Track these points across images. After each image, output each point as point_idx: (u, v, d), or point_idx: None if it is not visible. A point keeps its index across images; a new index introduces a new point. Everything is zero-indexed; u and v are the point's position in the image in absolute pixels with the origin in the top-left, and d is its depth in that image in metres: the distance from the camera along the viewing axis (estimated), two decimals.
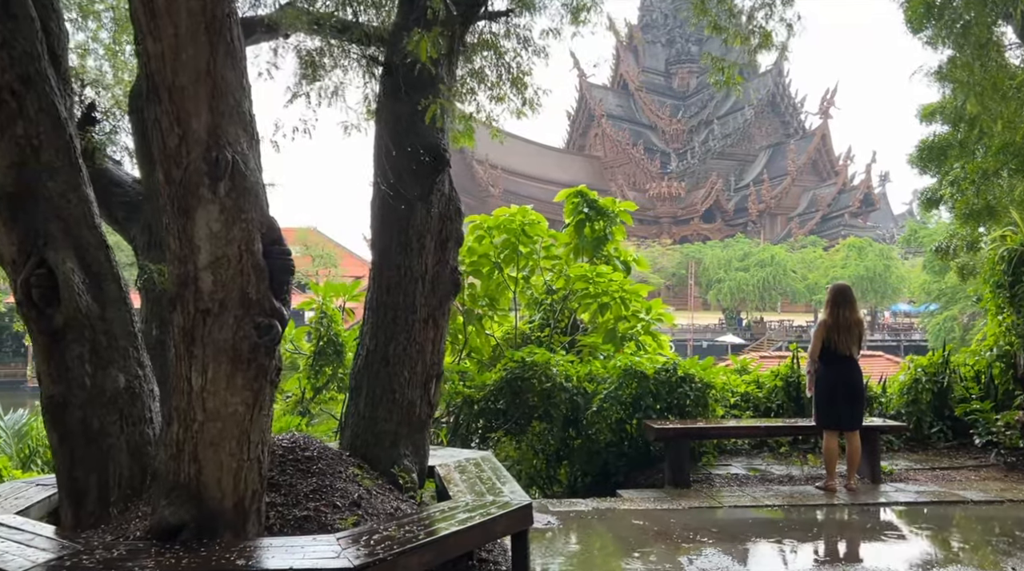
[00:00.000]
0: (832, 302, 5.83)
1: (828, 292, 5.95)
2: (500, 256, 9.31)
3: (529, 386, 7.26)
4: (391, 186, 4.68)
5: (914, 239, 44.01)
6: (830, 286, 5.99)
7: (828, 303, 5.86)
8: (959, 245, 11.69)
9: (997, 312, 7.30)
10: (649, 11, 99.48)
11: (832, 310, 5.81)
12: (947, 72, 9.16)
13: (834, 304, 5.82)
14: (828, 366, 5.82)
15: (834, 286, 5.96)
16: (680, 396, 6.89)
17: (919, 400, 7.38)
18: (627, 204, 10.34)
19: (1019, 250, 7.03)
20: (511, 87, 7.77)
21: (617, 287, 9.06)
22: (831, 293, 5.89)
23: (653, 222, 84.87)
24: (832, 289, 5.93)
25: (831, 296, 5.87)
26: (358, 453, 4.61)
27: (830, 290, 5.93)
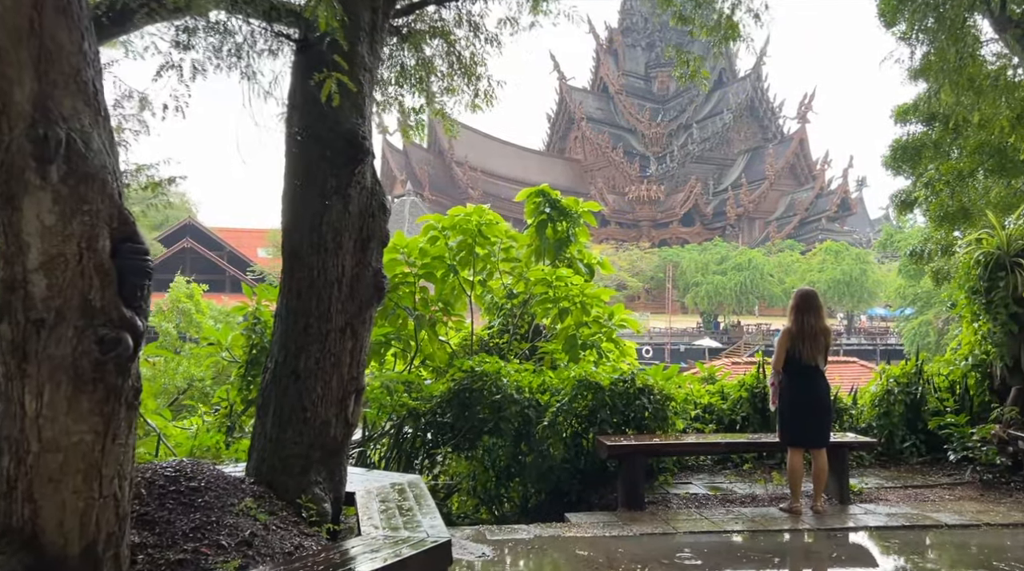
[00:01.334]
0: (796, 308, 5.37)
1: (792, 297, 5.49)
2: (455, 258, 8.80)
3: (479, 398, 6.76)
4: (302, 177, 4.17)
5: (890, 243, 44.08)
6: (795, 291, 5.54)
7: (792, 309, 5.40)
8: (934, 249, 11.38)
9: (972, 319, 6.91)
10: (629, 15, 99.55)
11: (796, 317, 5.35)
12: (921, 68, 8.81)
13: (798, 310, 5.35)
14: (792, 378, 5.36)
15: (799, 291, 5.51)
16: (638, 409, 6.42)
17: (891, 412, 6.97)
18: (590, 204, 9.88)
19: (995, 254, 6.64)
20: (464, 78, 7.28)
21: (577, 291, 8.60)
22: (795, 299, 5.44)
23: (632, 225, 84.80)
24: (797, 294, 5.47)
25: (795, 302, 5.41)
26: (263, 480, 4.09)
27: (794, 295, 5.48)
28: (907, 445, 6.84)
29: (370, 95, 4.46)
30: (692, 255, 59.48)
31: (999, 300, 6.60)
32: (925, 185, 10.18)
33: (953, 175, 8.88)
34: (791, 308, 5.41)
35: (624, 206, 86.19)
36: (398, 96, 7.71)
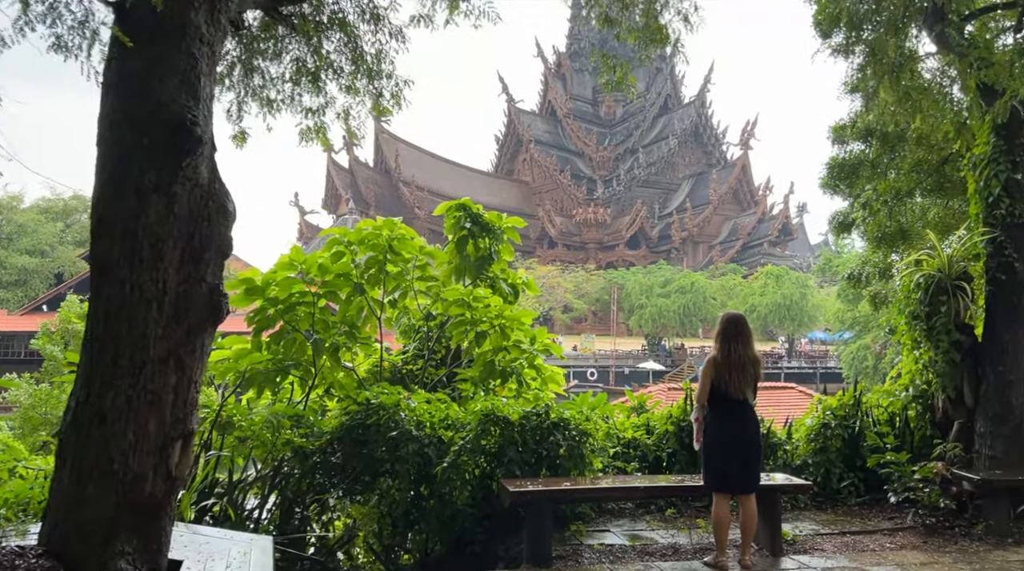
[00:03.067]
0: (722, 335, 4.74)
1: (718, 323, 4.85)
2: (363, 276, 8.00)
3: (375, 434, 5.96)
4: (113, 171, 3.36)
5: (829, 268, 44.74)
6: (721, 316, 4.91)
7: (718, 336, 4.77)
8: (872, 272, 11.03)
9: (913, 346, 6.42)
10: (577, 39, 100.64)
11: (723, 345, 4.71)
12: (857, 81, 8.42)
13: (725, 337, 4.72)
14: (717, 414, 4.71)
15: (725, 316, 4.88)
16: (551, 446, 5.71)
17: (827, 448, 6.40)
18: (514, 220, 9.20)
19: (936, 277, 6.17)
20: (367, 77, 6.56)
21: (495, 313, 7.87)
22: (721, 324, 4.80)
23: (580, 248, 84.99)
24: (723, 319, 4.84)
25: (721, 328, 4.78)
26: (54, 552, 3.23)
27: (720, 321, 4.85)
28: (845, 484, 6.27)
29: (210, 74, 3.68)
30: (637, 278, 59.60)
31: (940, 326, 6.12)
32: (863, 206, 9.80)
33: (891, 195, 8.49)
34: (716, 334, 4.78)
35: (571, 228, 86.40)
36: (295, 95, 6.94)
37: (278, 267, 7.44)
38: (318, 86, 6.95)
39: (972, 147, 6.90)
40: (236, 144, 7.35)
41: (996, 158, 6.24)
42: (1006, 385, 5.98)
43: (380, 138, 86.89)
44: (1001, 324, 6.09)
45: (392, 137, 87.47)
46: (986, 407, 6.03)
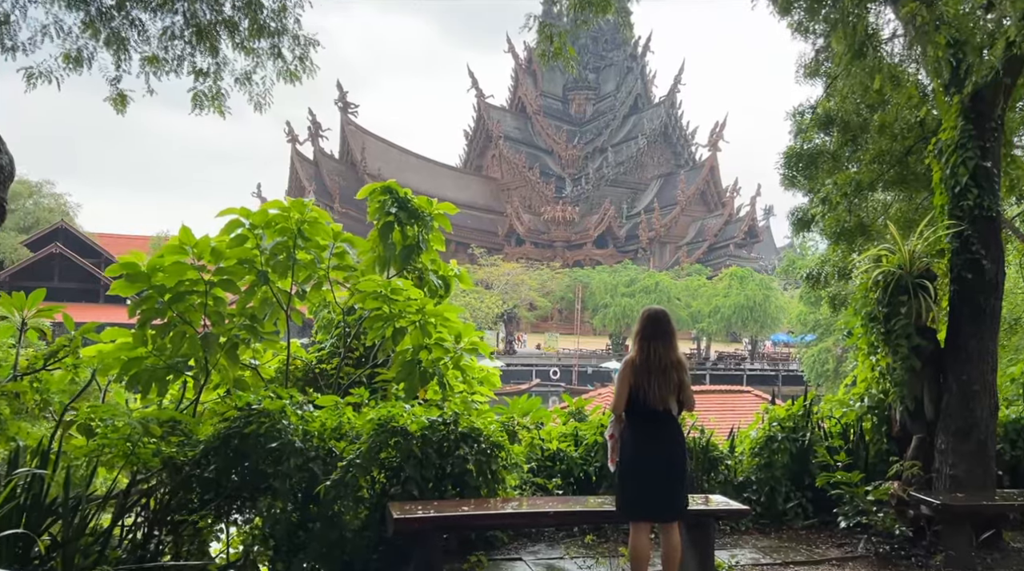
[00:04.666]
0: (641, 333, 4.00)
1: (638, 320, 4.11)
2: (269, 264, 7.14)
3: (255, 445, 5.13)
4: None
5: (792, 270, 44.61)
6: (642, 311, 4.17)
7: (635, 335, 4.03)
8: (830, 272, 10.44)
9: (870, 351, 5.78)
10: None
11: (641, 345, 3.97)
12: (817, 64, 7.78)
13: (643, 336, 3.98)
14: (635, 428, 3.96)
15: (645, 312, 4.14)
16: (458, 461, 4.94)
17: (773, 464, 5.73)
18: (446, 206, 8.39)
19: (896, 274, 5.52)
20: (267, 37, 5.73)
21: (416, 308, 7.07)
22: (640, 321, 4.06)
23: (547, 245, 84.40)
24: (642, 316, 4.10)
25: (640, 325, 4.04)
26: None
27: (640, 317, 4.11)
28: (791, 505, 5.60)
29: None
30: (602, 277, 59.16)
31: (900, 329, 5.47)
32: (822, 201, 9.18)
33: (851, 187, 7.87)
34: (635, 333, 4.04)
35: (539, 226, 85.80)
36: (184, 54, 6.07)
37: (165, 250, 6.55)
38: (210, 45, 6.10)
39: (939, 132, 6.27)
40: (116, 109, 6.49)
41: (964, 143, 5.60)
42: (970, 397, 5.35)
43: (347, 130, 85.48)
44: (966, 328, 5.47)
45: (359, 129, 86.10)
46: (948, 421, 5.40)
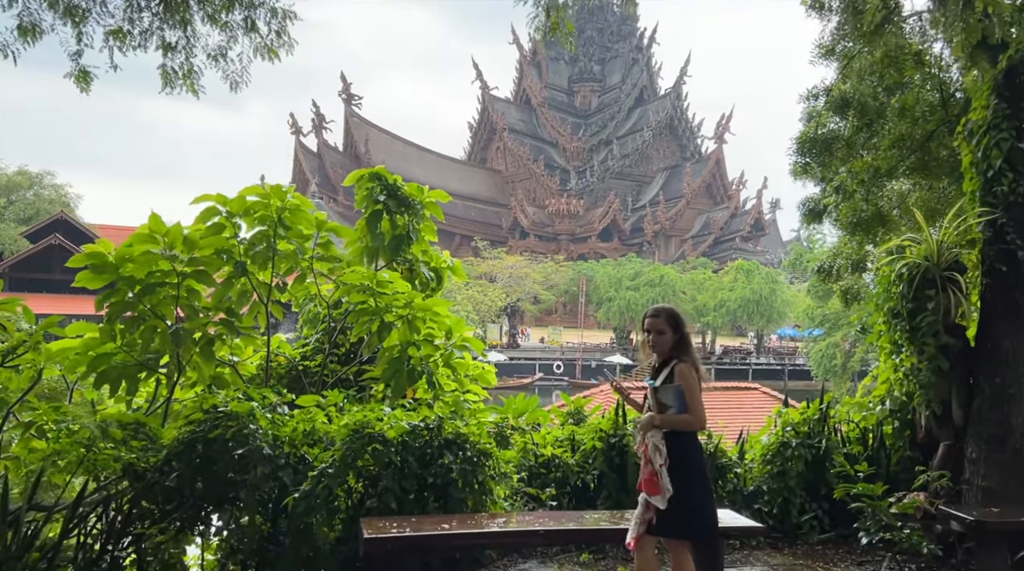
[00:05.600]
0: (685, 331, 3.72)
1: (680, 317, 3.71)
2: (248, 254, 6.70)
3: (222, 451, 4.70)
4: None
5: (799, 264, 44.03)
6: (669, 308, 3.73)
7: (687, 340, 3.72)
8: (843, 265, 9.95)
9: (892, 351, 5.31)
10: None
11: (692, 349, 3.72)
12: (833, 42, 7.29)
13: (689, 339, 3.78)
14: (698, 441, 3.75)
15: (673, 308, 3.75)
16: (441, 471, 4.49)
17: (787, 472, 5.27)
18: (437, 193, 7.92)
19: (923, 266, 5.04)
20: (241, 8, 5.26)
21: (404, 301, 6.62)
22: (679, 316, 3.73)
23: (552, 238, 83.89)
24: (677, 311, 3.75)
25: (684, 324, 3.74)
26: None
27: (676, 312, 3.72)
28: (806, 518, 5.15)
29: None
30: (606, 270, 58.63)
31: (926, 326, 4.99)
32: (836, 189, 8.68)
33: (868, 174, 7.37)
34: (686, 337, 3.69)
35: (544, 219, 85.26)
36: (153, 28, 5.62)
37: (134, 239, 6.10)
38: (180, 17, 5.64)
39: (968, 112, 5.79)
40: (79, 87, 6.04)
41: (997, 123, 5.12)
42: (1004, 400, 4.88)
43: (350, 122, 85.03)
44: (1000, 326, 4.99)
45: (362, 121, 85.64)
46: (979, 427, 4.94)
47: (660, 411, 3.52)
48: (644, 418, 3.55)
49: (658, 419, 3.50)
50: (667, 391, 3.50)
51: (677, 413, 3.50)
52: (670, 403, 3.50)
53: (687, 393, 3.49)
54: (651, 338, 3.63)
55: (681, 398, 3.49)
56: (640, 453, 3.58)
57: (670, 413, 3.50)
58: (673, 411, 3.50)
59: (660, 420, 3.50)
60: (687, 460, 3.52)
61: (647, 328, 3.65)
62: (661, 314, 3.64)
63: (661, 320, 3.62)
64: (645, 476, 3.50)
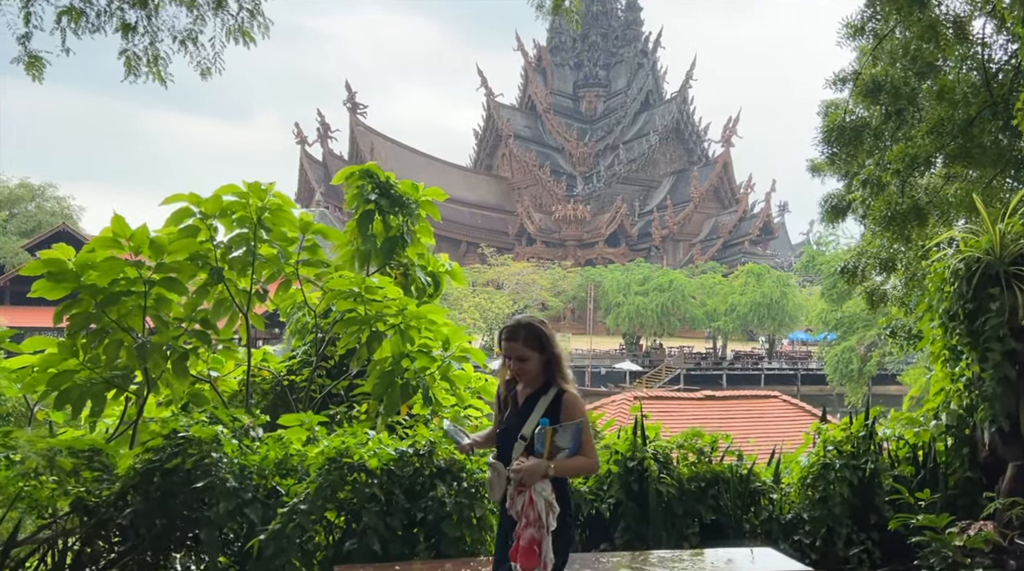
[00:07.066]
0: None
1: (546, 326, 2.98)
2: (225, 259, 6.10)
3: (184, 483, 4.09)
4: None
5: (811, 266, 43.25)
6: (536, 320, 3.00)
7: (562, 358, 3.01)
8: (870, 264, 9.28)
9: (949, 358, 4.66)
10: (558, 33, 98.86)
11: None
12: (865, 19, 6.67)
13: None
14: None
15: (536, 321, 3.02)
16: (433, 506, 3.87)
17: (830, 498, 4.62)
18: (434, 191, 7.32)
19: (984, 261, 4.40)
20: None
21: (396, 309, 6.01)
22: (549, 328, 3.00)
23: (559, 245, 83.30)
24: (546, 325, 3.02)
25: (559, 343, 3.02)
26: None
27: (546, 325, 3.01)
28: (855, 552, 4.49)
29: None
30: (614, 275, 57.97)
31: (990, 330, 4.35)
32: (863, 183, 8.03)
33: (904, 162, 6.73)
34: (553, 342, 2.94)
35: (550, 225, 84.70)
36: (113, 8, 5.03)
37: (96, 244, 5.51)
38: None
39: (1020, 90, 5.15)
40: (31, 75, 5.47)
41: None
42: None
43: (356, 131, 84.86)
44: None
45: (368, 130, 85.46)
46: None
47: (552, 456, 2.70)
48: (529, 465, 2.68)
49: (551, 466, 2.69)
50: (565, 432, 2.72)
51: (570, 456, 2.73)
52: (566, 444, 2.71)
53: (584, 430, 2.76)
54: (512, 365, 2.90)
55: (578, 437, 2.74)
56: (514, 513, 2.73)
57: (562, 457, 2.71)
58: (566, 454, 2.72)
59: (555, 468, 2.70)
60: (568, 516, 2.82)
61: (505, 353, 2.90)
62: (519, 334, 2.88)
63: (519, 344, 2.86)
64: (524, 544, 2.66)
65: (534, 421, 2.78)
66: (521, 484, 2.68)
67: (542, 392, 2.86)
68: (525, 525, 2.67)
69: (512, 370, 2.91)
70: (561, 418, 2.77)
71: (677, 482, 4.65)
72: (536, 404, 2.84)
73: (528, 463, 2.69)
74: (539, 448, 2.72)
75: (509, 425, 2.92)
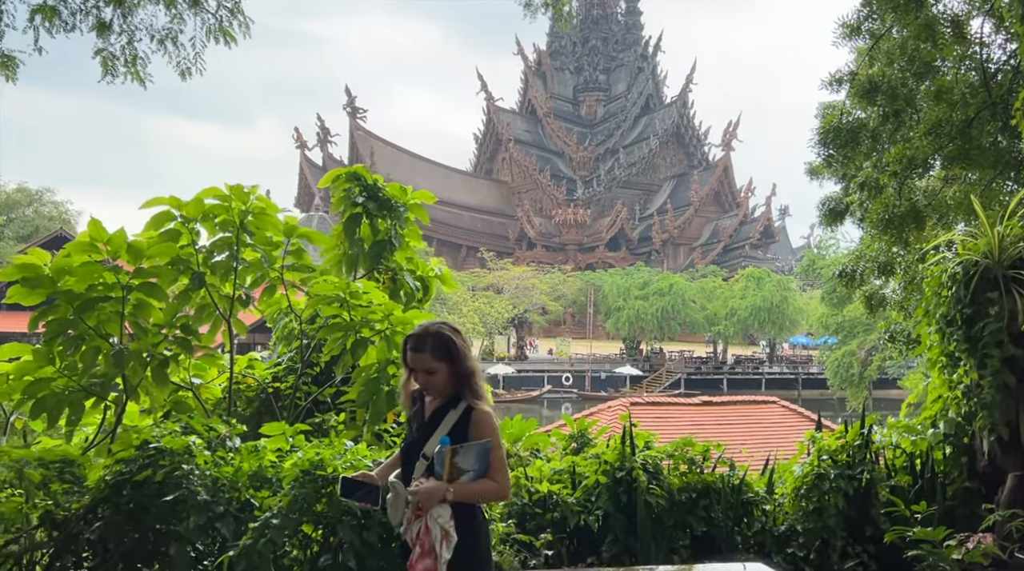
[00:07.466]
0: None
1: (460, 336, 2.70)
2: (207, 264, 5.97)
3: (154, 496, 3.95)
4: None
5: (812, 270, 43.10)
6: (451, 326, 2.72)
7: (478, 369, 2.72)
8: (868, 268, 9.14)
9: (947, 364, 4.53)
10: (558, 38, 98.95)
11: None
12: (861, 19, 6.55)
13: None
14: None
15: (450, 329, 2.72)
16: None
17: (824, 509, 4.48)
18: (423, 194, 7.19)
19: (982, 264, 4.27)
20: None
21: (382, 315, 5.88)
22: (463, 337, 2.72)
23: (559, 249, 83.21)
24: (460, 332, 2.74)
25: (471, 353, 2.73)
26: None
27: (461, 334, 2.73)
28: (850, 565, 4.35)
29: None
30: (614, 279, 57.85)
31: (988, 335, 4.21)
32: (861, 186, 7.90)
33: (902, 164, 6.60)
34: (464, 354, 2.63)
35: (551, 229, 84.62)
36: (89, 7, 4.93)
37: (72, 248, 5.38)
38: None
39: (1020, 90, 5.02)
40: (4, 75, 5.35)
41: None
42: None
43: (355, 135, 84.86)
44: None
45: (368, 134, 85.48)
46: None
47: (453, 478, 2.45)
48: (426, 488, 2.42)
49: (450, 490, 2.43)
50: (468, 452, 2.46)
51: (476, 479, 2.48)
52: (470, 467, 2.46)
53: (493, 451, 2.50)
54: (418, 379, 2.61)
55: (485, 458, 2.48)
56: (409, 540, 2.49)
57: (466, 480, 2.46)
58: (470, 477, 2.46)
59: (455, 492, 2.43)
60: (475, 547, 2.52)
61: (410, 365, 2.61)
62: (426, 344, 2.56)
63: (426, 355, 2.55)
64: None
65: (437, 439, 2.53)
66: (418, 508, 2.43)
67: (450, 406, 2.58)
68: (420, 555, 2.42)
69: (418, 384, 2.63)
70: (469, 437, 2.50)
71: (667, 493, 4.51)
72: (443, 420, 2.57)
73: (425, 485, 2.43)
74: (439, 469, 2.46)
75: (414, 440, 2.65)
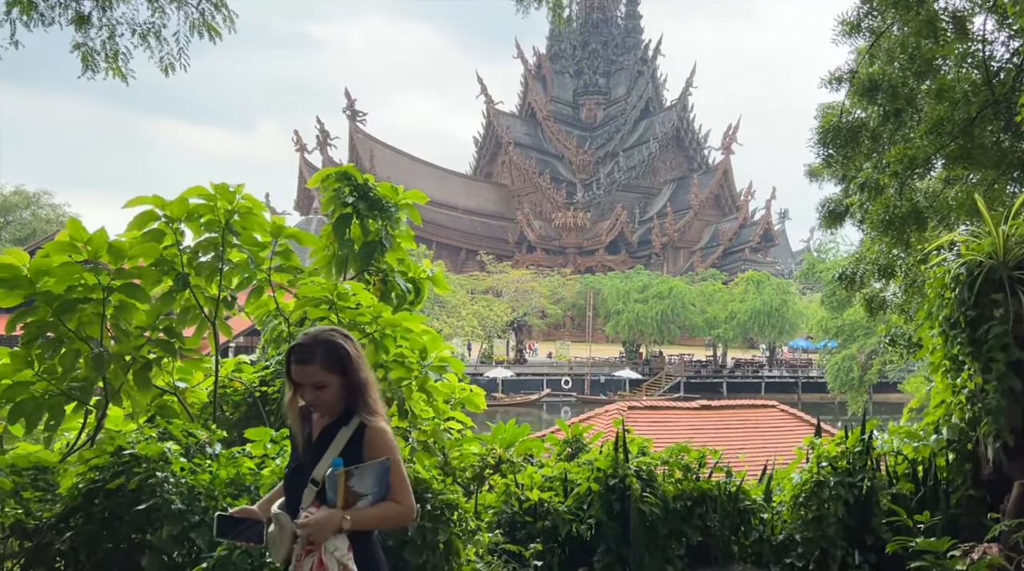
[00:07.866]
0: None
1: (354, 345, 2.36)
2: (192, 264, 5.83)
3: (128, 505, 3.81)
4: None
5: (812, 273, 42.96)
6: (348, 339, 2.40)
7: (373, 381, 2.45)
8: (868, 270, 9.01)
9: (950, 368, 4.39)
10: (558, 41, 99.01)
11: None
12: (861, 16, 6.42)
13: None
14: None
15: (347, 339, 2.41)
16: (394, 530, 3.58)
17: (824, 518, 4.33)
18: (414, 193, 7.04)
19: (986, 265, 4.13)
20: None
21: (371, 317, 5.73)
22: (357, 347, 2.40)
23: (559, 252, 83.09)
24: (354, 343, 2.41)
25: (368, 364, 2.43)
26: None
27: (355, 344, 2.40)
28: None
29: None
30: (614, 283, 57.70)
31: (993, 339, 4.07)
32: (861, 187, 7.77)
33: (903, 164, 6.46)
34: (358, 365, 2.32)
35: (550, 232, 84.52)
36: None
37: (51, 249, 5.23)
38: None
39: None
40: None
41: None
42: None
43: (355, 138, 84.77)
44: None
45: (367, 137, 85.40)
46: None
47: (348, 504, 2.18)
48: (318, 518, 2.15)
49: (347, 518, 2.16)
50: (364, 474, 2.19)
51: (375, 502, 2.22)
52: (368, 490, 2.20)
53: (393, 470, 2.24)
54: (305, 395, 2.29)
55: (385, 479, 2.22)
56: None
57: (363, 505, 2.20)
58: (368, 501, 2.21)
59: (352, 520, 2.17)
60: None
61: (295, 380, 2.29)
62: (314, 356, 2.25)
63: (316, 368, 2.24)
64: None
65: (328, 461, 2.23)
66: (310, 542, 2.15)
67: (341, 423, 2.28)
68: None
69: (305, 400, 2.29)
70: (364, 457, 2.23)
71: (661, 501, 4.38)
72: (333, 440, 2.27)
73: (317, 515, 2.15)
74: (332, 496, 2.18)
75: (301, 464, 2.32)
